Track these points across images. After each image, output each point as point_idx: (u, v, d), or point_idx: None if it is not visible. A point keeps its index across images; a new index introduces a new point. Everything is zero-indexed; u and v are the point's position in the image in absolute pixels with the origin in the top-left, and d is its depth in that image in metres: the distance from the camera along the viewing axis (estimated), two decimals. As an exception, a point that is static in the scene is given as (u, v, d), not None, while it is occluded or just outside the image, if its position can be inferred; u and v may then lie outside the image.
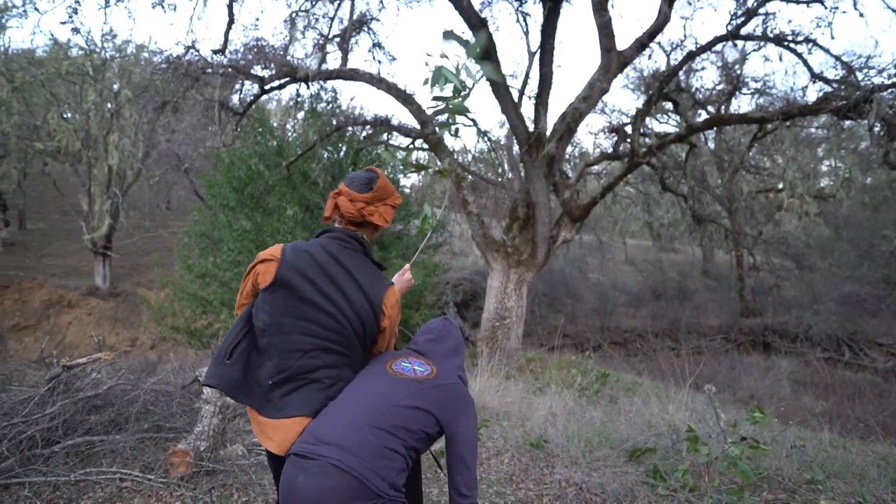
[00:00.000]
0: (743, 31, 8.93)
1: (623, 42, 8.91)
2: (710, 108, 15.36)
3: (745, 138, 16.43)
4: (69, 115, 17.89)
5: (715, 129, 15.29)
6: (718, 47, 11.45)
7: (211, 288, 10.18)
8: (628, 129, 11.19)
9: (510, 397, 4.79)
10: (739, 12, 8.67)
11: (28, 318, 16.56)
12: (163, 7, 7.54)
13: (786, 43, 8.51)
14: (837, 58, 8.62)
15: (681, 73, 11.21)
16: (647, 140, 9.62)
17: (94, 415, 3.37)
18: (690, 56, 9.32)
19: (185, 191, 23.13)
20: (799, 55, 8.54)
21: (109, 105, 16.22)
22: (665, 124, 17.96)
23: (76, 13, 6.96)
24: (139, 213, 21.46)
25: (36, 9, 12.64)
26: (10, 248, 18.59)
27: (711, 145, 17.62)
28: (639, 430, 4.00)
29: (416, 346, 1.80)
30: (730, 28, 8.85)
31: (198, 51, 9.20)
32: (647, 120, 12.25)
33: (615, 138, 11.84)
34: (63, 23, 9.10)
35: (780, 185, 15.45)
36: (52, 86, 16.59)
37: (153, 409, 3.63)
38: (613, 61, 8.94)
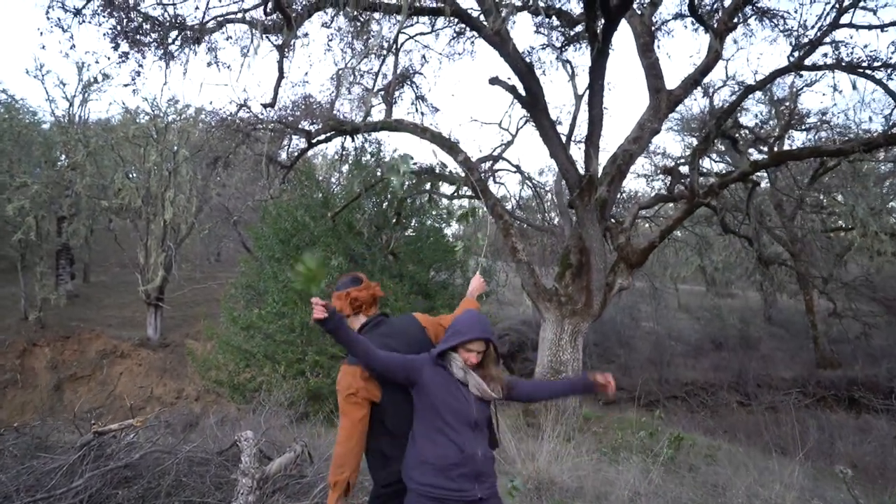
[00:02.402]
0: (808, 62, 8.40)
1: (671, 81, 8.66)
2: (765, 145, 14.61)
3: (801, 176, 15.38)
4: (133, 174, 19.07)
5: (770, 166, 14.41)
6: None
7: (255, 340, 10.02)
8: (682, 169, 10.66)
9: (582, 469, 4.17)
10: (803, 41, 8.20)
11: (84, 368, 16.99)
12: (217, 66, 7.88)
13: (861, 70, 7.91)
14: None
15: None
16: (709, 179, 9.05)
17: (122, 488, 3.05)
18: (750, 90, 8.86)
19: (234, 243, 23.92)
20: (878, 81, 7.88)
21: (168, 164, 17.17)
22: (718, 163, 17.26)
23: (139, 75, 7.33)
24: (191, 266, 22.19)
25: (105, 75, 13.71)
26: (73, 299, 19.48)
27: (764, 184, 16.67)
28: (746, 517, 3.31)
29: None
30: (792, 59, 8.37)
31: (249, 108, 9.55)
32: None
33: (669, 179, 11.29)
34: (126, 85, 9.75)
35: (843, 223, 14.23)
36: (121, 149, 17.82)
37: (186, 480, 3.29)
38: (663, 101, 8.66)
